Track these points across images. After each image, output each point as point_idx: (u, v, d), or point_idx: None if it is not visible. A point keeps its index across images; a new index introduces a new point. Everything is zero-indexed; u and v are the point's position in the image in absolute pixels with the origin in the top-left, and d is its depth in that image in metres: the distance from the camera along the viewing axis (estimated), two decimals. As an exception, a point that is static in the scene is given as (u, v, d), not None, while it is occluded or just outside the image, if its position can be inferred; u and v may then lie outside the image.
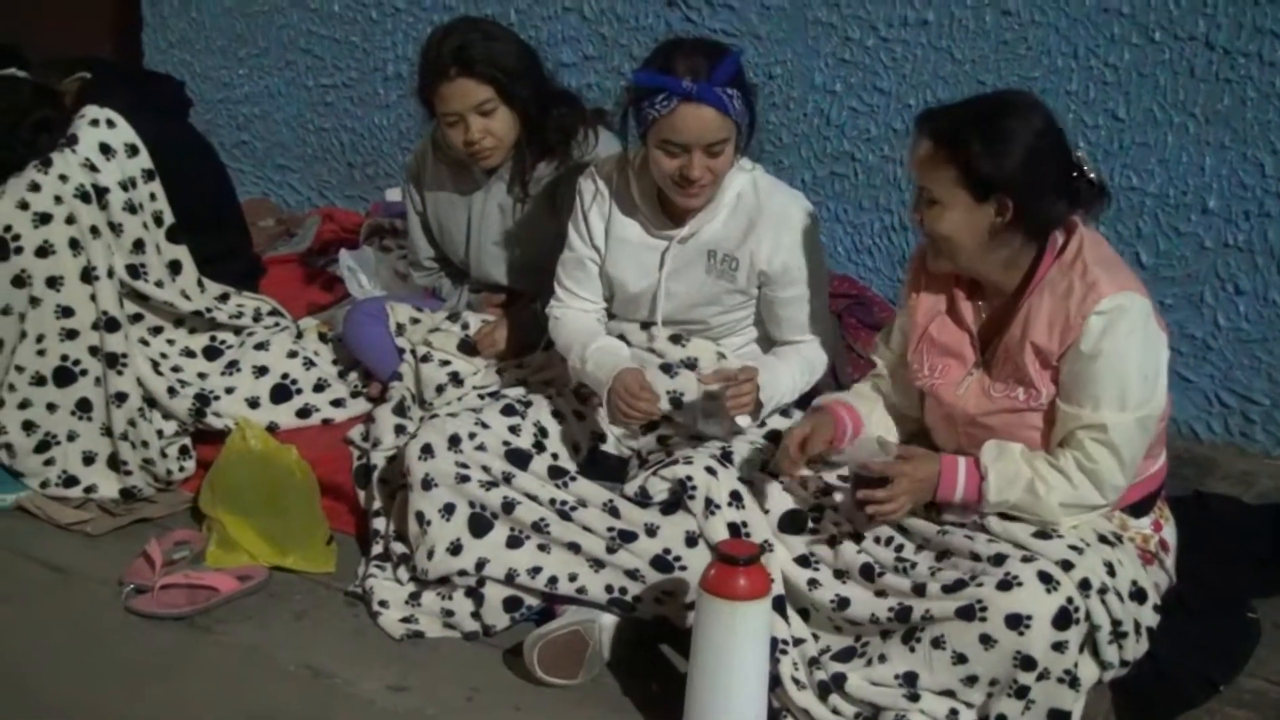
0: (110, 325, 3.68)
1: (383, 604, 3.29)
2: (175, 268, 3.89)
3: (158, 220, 3.84)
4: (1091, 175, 2.81)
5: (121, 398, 3.70)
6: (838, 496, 3.09)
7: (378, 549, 3.43)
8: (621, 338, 3.44)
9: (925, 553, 2.91)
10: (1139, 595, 2.76)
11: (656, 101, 3.09)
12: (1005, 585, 2.67)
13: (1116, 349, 2.73)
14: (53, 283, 3.63)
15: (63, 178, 3.66)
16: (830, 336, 3.47)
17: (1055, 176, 2.78)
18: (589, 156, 3.64)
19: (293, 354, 3.95)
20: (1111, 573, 2.72)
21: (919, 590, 2.80)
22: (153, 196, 3.82)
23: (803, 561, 3.02)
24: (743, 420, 3.16)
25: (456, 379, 3.71)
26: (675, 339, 3.42)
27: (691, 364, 3.38)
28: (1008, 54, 4.08)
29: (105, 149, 3.74)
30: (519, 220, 3.79)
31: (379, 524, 3.47)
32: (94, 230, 3.67)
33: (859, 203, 4.42)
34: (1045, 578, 2.66)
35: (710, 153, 3.14)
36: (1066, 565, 2.68)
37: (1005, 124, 2.75)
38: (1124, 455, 2.77)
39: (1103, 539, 2.80)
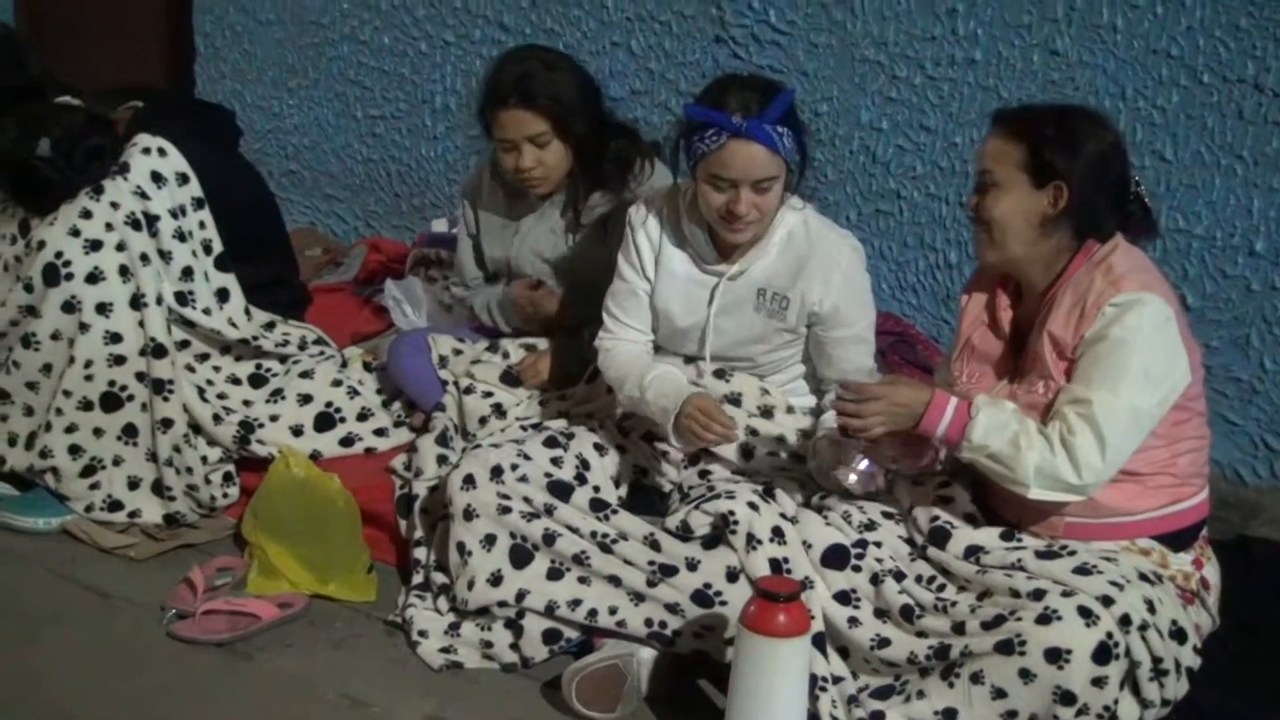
0: (157, 351, 3.71)
1: (422, 634, 3.29)
2: (223, 295, 3.91)
3: (206, 248, 3.87)
4: (1147, 200, 2.90)
5: (167, 424, 3.73)
6: (882, 531, 3.09)
7: (418, 579, 3.44)
8: None
9: (966, 594, 2.90)
10: (1179, 635, 2.74)
11: (707, 136, 3.11)
12: (1044, 619, 2.66)
13: (1122, 336, 2.74)
14: (102, 309, 3.66)
15: (114, 205, 3.70)
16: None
17: (1113, 187, 2.87)
18: (642, 188, 3.66)
19: (337, 383, 3.96)
20: (1152, 610, 2.71)
21: (958, 629, 2.79)
22: (202, 225, 3.85)
23: (843, 599, 3.01)
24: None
25: (499, 410, 3.72)
26: (720, 374, 3.42)
27: (736, 399, 3.38)
28: (1055, 94, 4.07)
29: (156, 177, 3.77)
30: (568, 246, 3.81)
31: (420, 554, 3.47)
32: (144, 257, 3.70)
33: (904, 240, 4.42)
34: (1085, 612, 2.64)
35: (758, 189, 3.15)
36: (1107, 600, 2.67)
37: (1081, 123, 2.85)
38: (1106, 437, 2.73)
39: (1143, 577, 2.78)
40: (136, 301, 3.70)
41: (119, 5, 6.38)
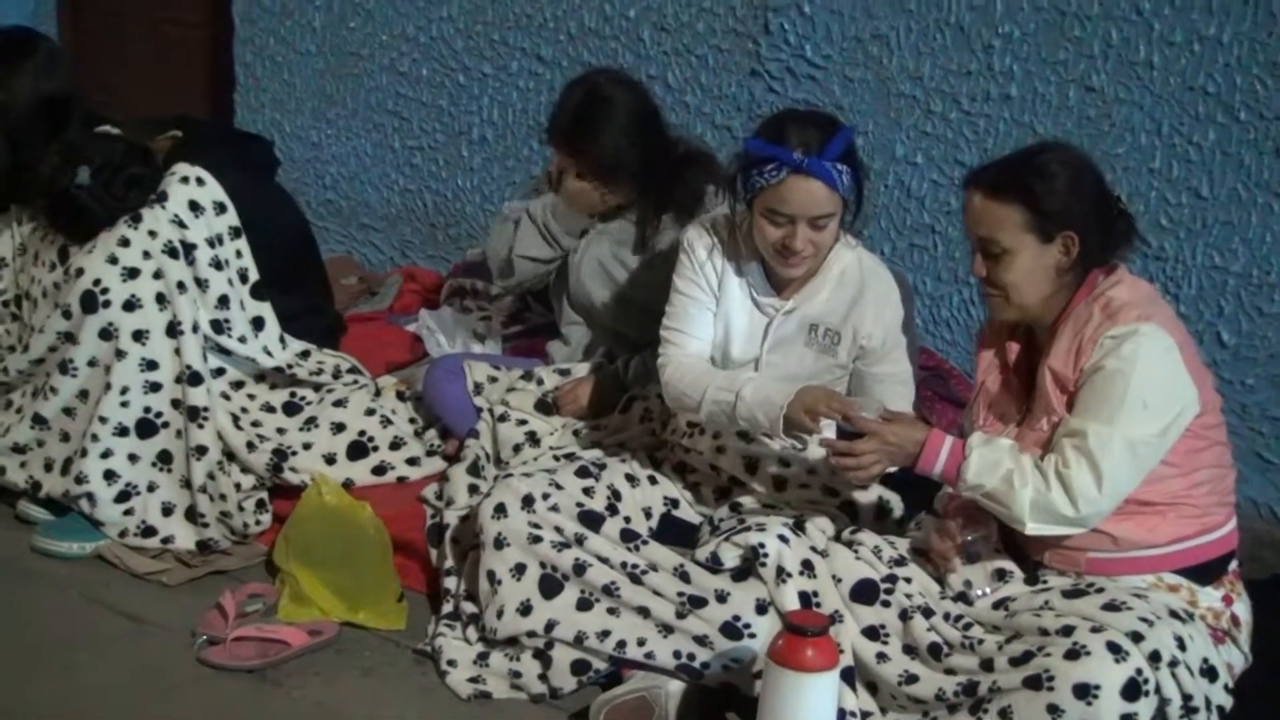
0: (193, 379, 3.73)
1: (451, 663, 3.29)
2: (258, 324, 3.94)
3: (243, 277, 3.90)
4: (1127, 208, 2.95)
5: (202, 451, 3.75)
6: (911, 567, 3.08)
7: (448, 608, 3.44)
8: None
9: (994, 635, 2.88)
10: (1210, 673, 2.72)
11: (766, 170, 3.14)
12: (1073, 654, 2.64)
13: (1118, 367, 2.76)
14: (138, 336, 3.69)
15: (152, 233, 3.73)
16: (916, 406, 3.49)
17: (1104, 209, 2.90)
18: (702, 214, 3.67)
19: (370, 411, 3.98)
20: (1182, 647, 2.68)
21: (986, 665, 2.78)
22: (238, 253, 3.88)
23: (871, 634, 3.00)
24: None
25: (533, 438, 3.74)
26: None
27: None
28: (1091, 130, 4.06)
29: (194, 206, 3.81)
30: (629, 268, 3.85)
31: (450, 583, 3.48)
32: (180, 285, 3.73)
33: (938, 275, 4.41)
34: (1114, 648, 2.62)
35: (815, 225, 3.19)
36: (1136, 637, 2.65)
37: (1057, 162, 2.87)
38: (1102, 468, 2.74)
39: (1173, 614, 2.76)
40: (173, 329, 3.72)
41: (161, 35, 6.44)
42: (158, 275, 3.72)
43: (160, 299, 3.71)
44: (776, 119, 3.29)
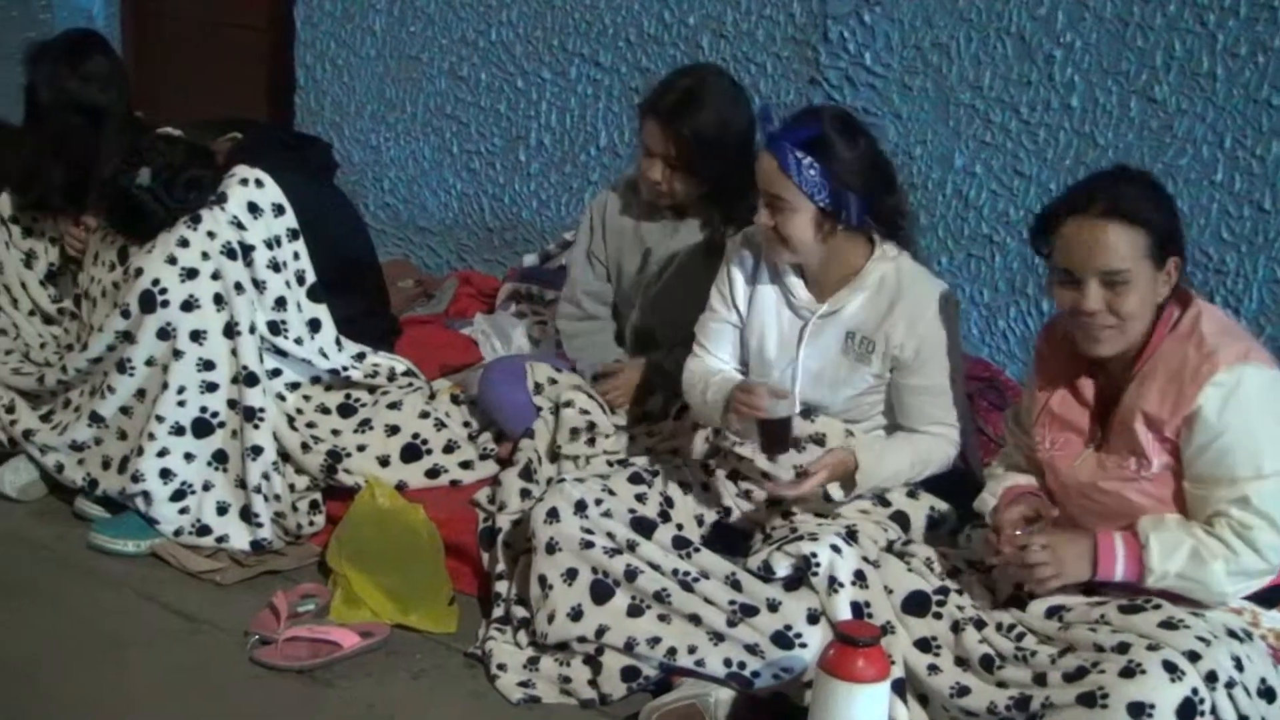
0: (250, 380, 3.75)
1: (501, 667, 3.29)
2: (315, 326, 3.96)
3: (300, 279, 3.92)
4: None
5: (257, 451, 3.77)
6: (964, 579, 3.06)
7: (499, 612, 3.45)
8: None
9: (1047, 646, 2.85)
10: (1268, 694, 2.68)
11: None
12: (1128, 673, 2.61)
13: (1241, 422, 2.70)
14: (196, 336, 3.72)
15: (211, 234, 3.76)
16: (965, 431, 3.42)
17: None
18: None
19: (425, 414, 3.99)
20: (1239, 667, 2.65)
21: (1040, 680, 2.75)
22: (296, 255, 3.90)
23: (923, 645, 2.99)
24: (834, 492, 3.23)
25: (591, 428, 3.74)
26: (805, 413, 3.40)
27: (820, 439, 3.36)
28: (1152, 141, 4.03)
29: (253, 208, 3.83)
30: (688, 268, 3.83)
31: (501, 587, 3.48)
32: (238, 286, 3.75)
33: (995, 286, 4.38)
34: (1170, 667, 2.59)
35: (770, 204, 3.21)
36: (1193, 656, 2.61)
37: (1155, 186, 2.83)
38: (1274, 517, 2.70)
39: (1232, 634, 2.72)
40: (230, 329, 3.75)
41: (222, 38, 6.49)
42: (216, 276, 3.74)
43: (218, 299, 3.74)
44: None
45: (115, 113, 4.14)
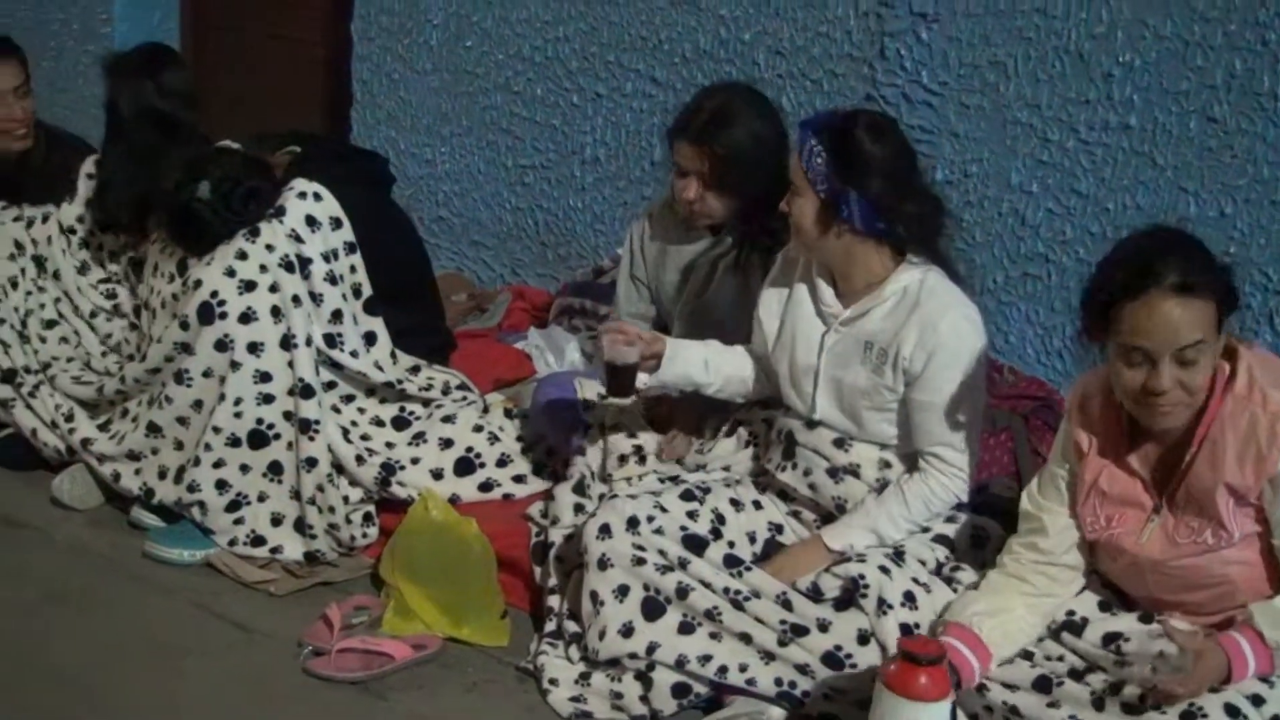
0: (305, 392, 3.77)
1: (553, 682, 3.30)
2: (370, 339, 3.98)
3: (356, 292, 3.94)
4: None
5: (312, 463, 3.79)
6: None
7: (551, 626, 3.45)
8: (789, 435, 3.44)
9: (1101, 674, 2.83)
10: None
11: None
12: (1189, 716, 2.57)
13: None
14: (253, 348, 3.74)
15: (269, 247, 3.78)
16: (975, 459, 3.33)
17: None
18: None
19: (478, 428, 4.00)
20: None
21: (1097, 705, 2.73)
22: (353, 269, 3.93)
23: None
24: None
25: (640, 454, 3.74)
26: (839, 443, 3.38)
27: (854, 470, 3.35)
28: (1211, 161, 4.00)
29: (311, 221, 3.85)
30: (724, 284, 3.83)
31: (553, 601, 3.48)
32: (295, 299, 3.78)
33: (1051, 305, 4.36)
34: (1232, 711, 2.56)
35: (788, 188, 3.30)
36: (1257, 700, 2.58)
37: (1196, 244, 2.73)
38: None
39: None
40: (287, 342, 3.77)
41: (278, 51, 6.54)
42: (273, 289, 3.76)
43: (275, 312, 3.76)
44: None
45: (190, 127, 4.19)
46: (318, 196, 3.90)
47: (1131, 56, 4.08)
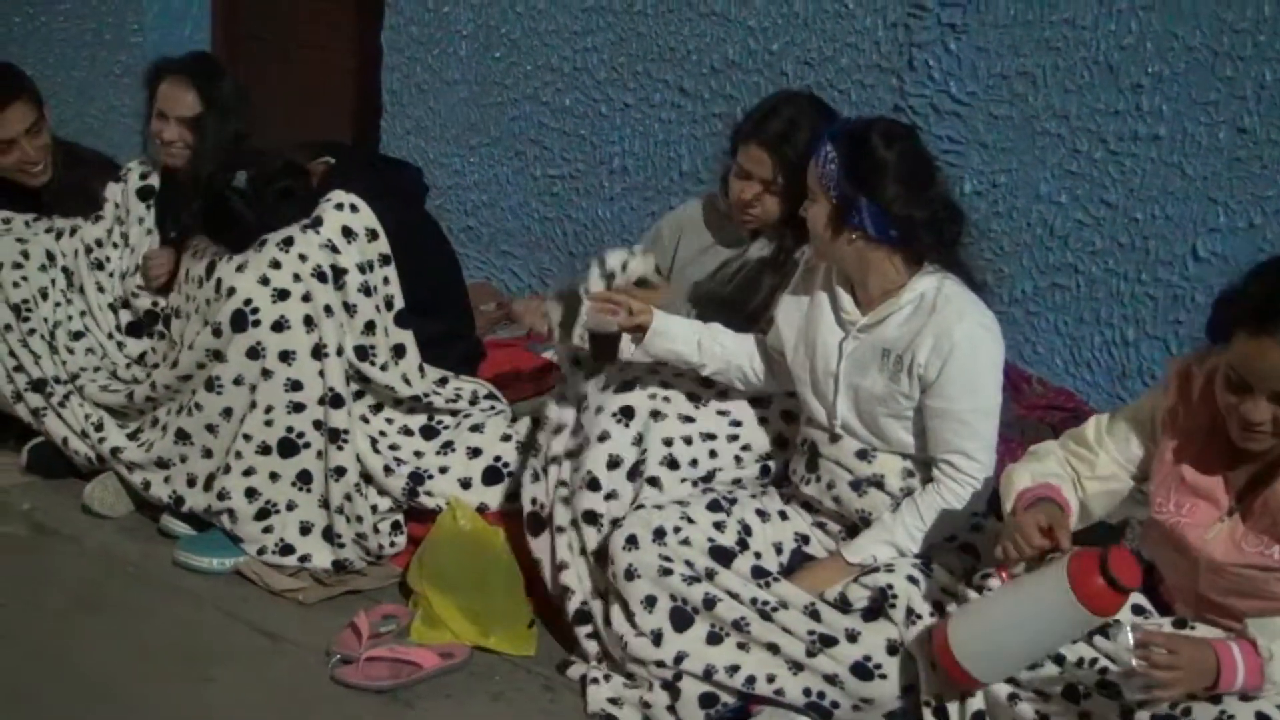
0: (335, 401, 3.79)
1: (593, 680, 3.31)
2: (399, 351, 3.99)
3: (388, 304, 3.95)
4: None
5: (341, 472, 3.80)
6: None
7: (587, 629, 3.44)
8: (813, 447, 3.43)
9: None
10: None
11: None
12: None
13: None
14: (285, 357, 3.75)
15: (302, 257, 3.80)
16: (992, 466, 3.29)
17: None
18: None
19: (506, 437, 4.01)
20: None
21: (1126, 715, 2.71)
22: (386, 280, 3.94)
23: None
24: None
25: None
26: (862, 454, 3.37)
27: (879, 481, 3.34)
28: (1241, 172, 3.99)
29: (347, 232, 3.87)
30: (750, 281, 3.82)
31: (585, 600, 3.47)
32: (327, 309, 3.79)
33: (1079, 315, 4.35)
34: (1263, 719, 2.54)
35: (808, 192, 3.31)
36: None
37: None
38: None
39: None
40: (318, 351, 3.78)
41: (308, 61, 6.57)
42: (306, 298, 3.78)
43: (308, 321, 3.77)
44: None
45: (243, 135, 4.21)
46: (354, 208, 3.91)
47: (1161, 67, 4.08)
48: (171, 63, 4.32)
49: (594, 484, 3.46)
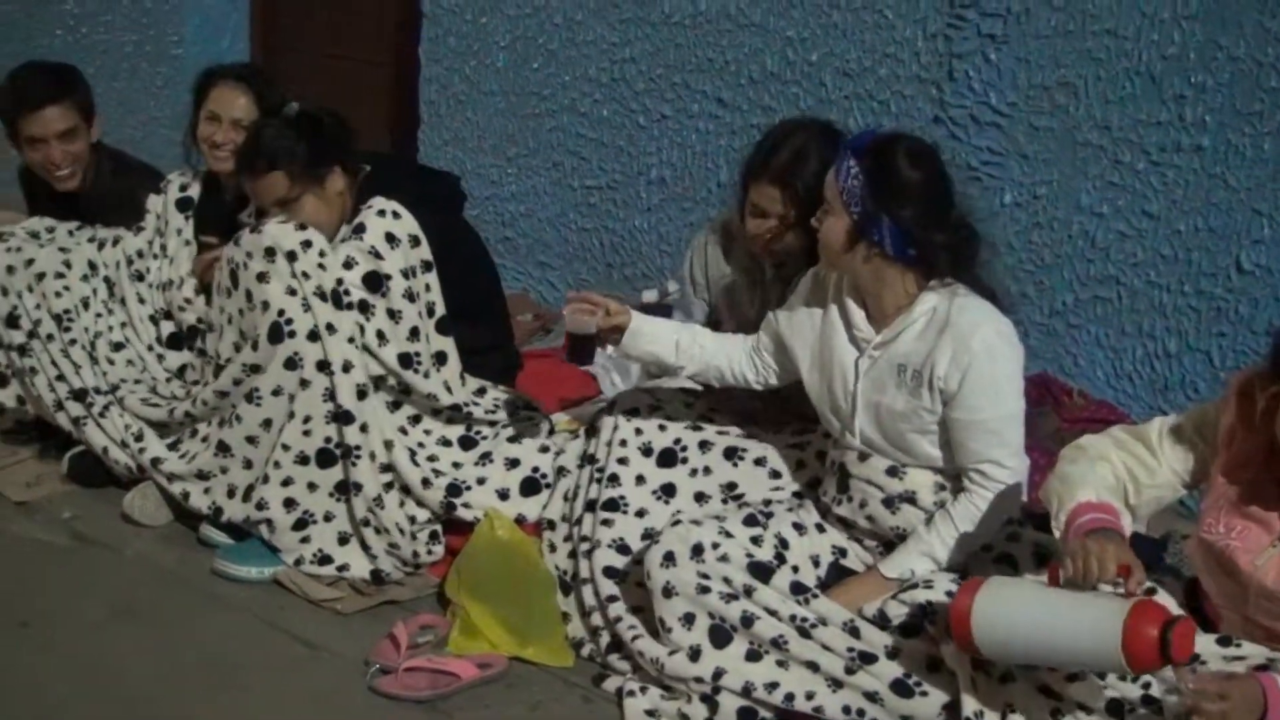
0: (344, 418, 3.77)
1: (630, 693, 3.29)
2: (441, 359, 3.98)
3: (430, 311, 3.95)
4: None
5: (357, 488, 3.79)
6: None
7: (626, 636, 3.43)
8: (842, 468, 3.41)
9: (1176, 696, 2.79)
10: None
11: None
12: None
13: None
14: (322, 366, 3.76)
15: (305, 275, 3.77)
16: (1023, 470, 3.28)
17: None
18: None
19: (544, 449, 4.00)
20: None
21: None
22: (428, 287, 3.93)
23: (1045, 690, 2.92)
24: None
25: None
26: (892, 471, 3.35)
27: (911, 497, 3.32)
28: (1286, 182, 3.98)
29: (390, 238, 3.87)
30: (756, 299, 3.81)
31: (623, 615, 3.45)
32: (330, 327, 3.76)
33: (1121, 328, 4.33)
34: None
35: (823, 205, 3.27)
36: None
37: None
38: None
39: None
40: (324, 367, 3.77)
41: (346, 71, 6.60)
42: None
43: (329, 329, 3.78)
44: None
45: None
46: (397, 215, 3.91)
47: (1204, 78, 4.05)
48: (224, 68, 4.39)
49: (623, 549, 3.52)
